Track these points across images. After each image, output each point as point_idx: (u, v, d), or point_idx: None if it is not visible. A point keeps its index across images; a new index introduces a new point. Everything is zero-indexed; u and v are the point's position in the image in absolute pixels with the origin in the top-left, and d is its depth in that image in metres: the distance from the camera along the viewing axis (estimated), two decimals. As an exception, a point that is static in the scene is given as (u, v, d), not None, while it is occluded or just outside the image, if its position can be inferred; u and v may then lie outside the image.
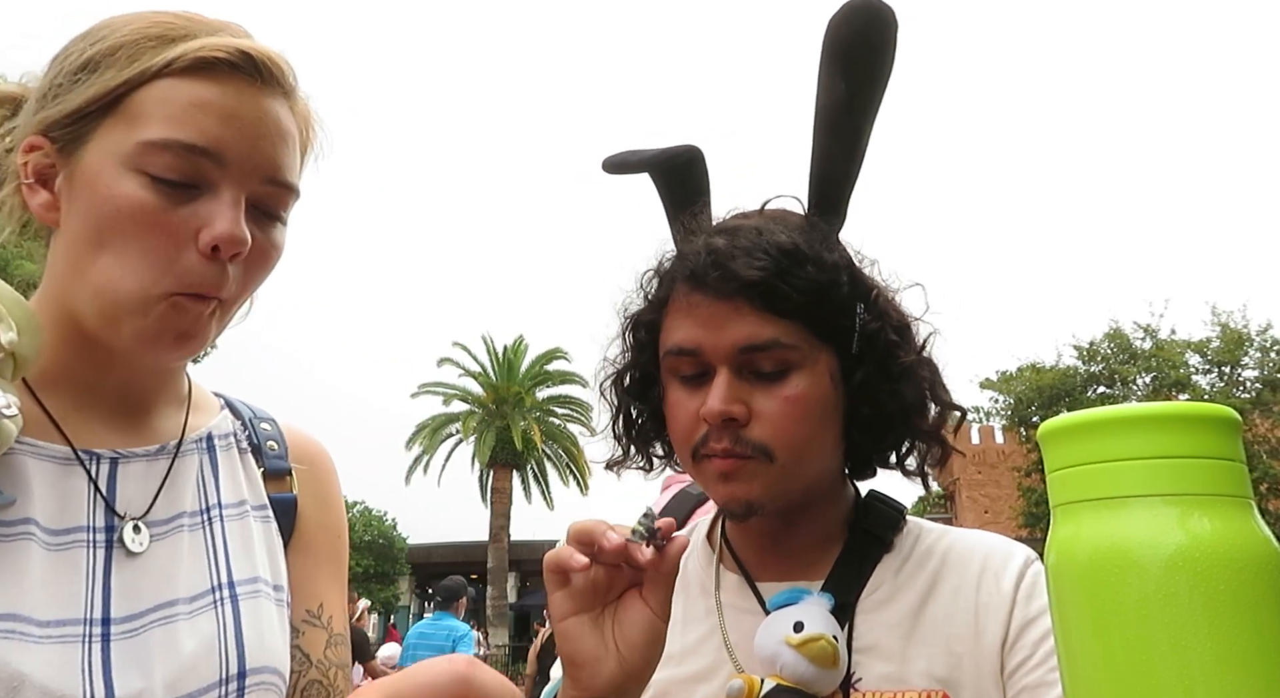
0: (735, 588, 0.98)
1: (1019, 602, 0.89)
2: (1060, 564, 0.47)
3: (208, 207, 0.75)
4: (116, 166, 0.74)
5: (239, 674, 0.79)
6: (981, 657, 0.88)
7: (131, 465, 0.82)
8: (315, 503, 0.96)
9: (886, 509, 0.99)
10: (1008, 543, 0.96)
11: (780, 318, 0.86)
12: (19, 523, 0.73)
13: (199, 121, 0.74)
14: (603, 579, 0.74)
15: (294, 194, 0.82)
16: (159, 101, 0.74)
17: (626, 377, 1.02)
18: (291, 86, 0.82)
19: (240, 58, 0.76)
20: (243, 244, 0.76)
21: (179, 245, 0.74)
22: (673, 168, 1.03)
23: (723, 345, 0.87)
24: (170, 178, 0.74)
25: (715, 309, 0.87)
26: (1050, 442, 0.49)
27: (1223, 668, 0.41)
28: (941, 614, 0.90)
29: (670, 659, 0.96)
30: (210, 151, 0.75)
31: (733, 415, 0.87)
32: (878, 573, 0.94)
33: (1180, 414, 0.45)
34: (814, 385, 0.88)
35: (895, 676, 0.88)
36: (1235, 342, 23.48)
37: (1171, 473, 0.44)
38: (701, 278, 0.88)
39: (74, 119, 0.76)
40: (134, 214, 0.73)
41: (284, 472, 0.94)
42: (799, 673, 0.85)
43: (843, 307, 0.90)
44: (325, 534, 0.96)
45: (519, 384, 27.79)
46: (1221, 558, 0.42)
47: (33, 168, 0.78)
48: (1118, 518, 0.44)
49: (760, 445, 0.87)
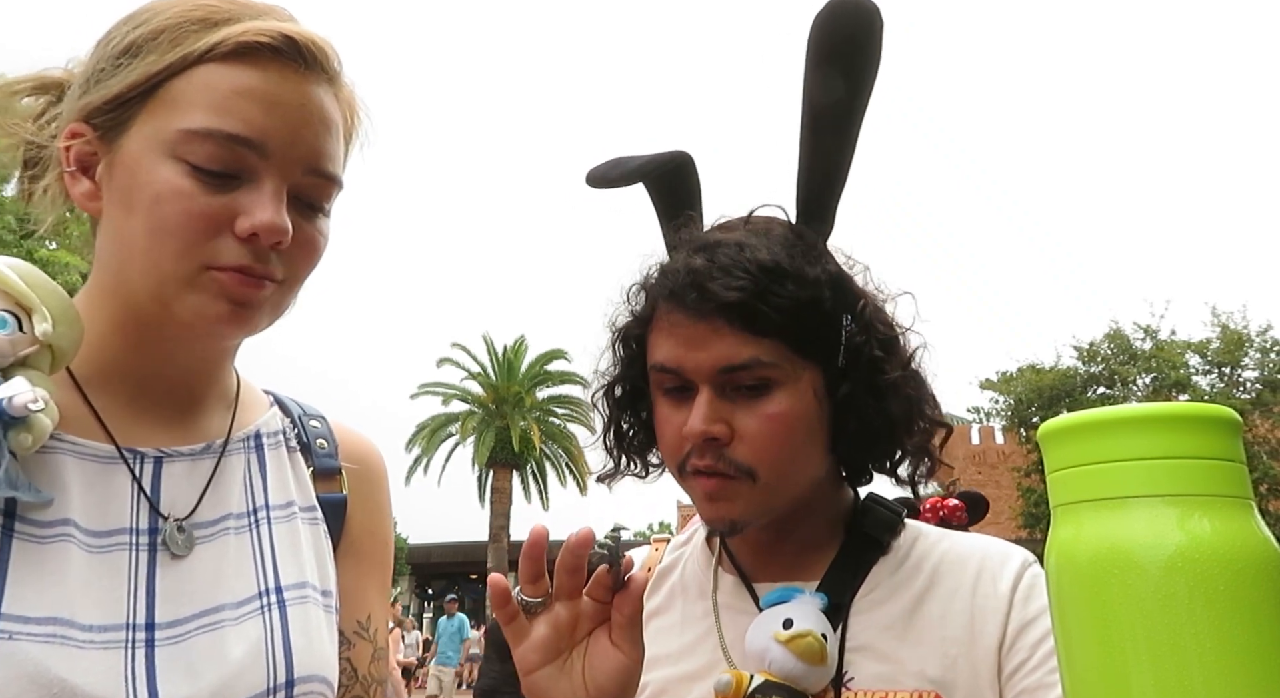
0: (732, 589, 0.99)
1: (1016, 604, 0.90)
2: (1060, 565, 0.47)
3: (249, 197, 0.73)
4: (157, 154, 0.72)
5: (287, 683, 0.77)
6: (977, 659, 0.88)
7: (176, 465, 0.80)
8: (365, 506, 0.93)
9: (885, 512, 0.99)
10: (1005, 546, 0.97)
11: (760, 337, 0.86)
12: (57, 524, 0.71)
13: (241, 110, 0.73)
14: (565, 620, 0.73)
15: (337, 186, 0.80)
16: (201, 88, 0.73)
17: (617, 389, 1.03)
18: (336, 72, 0.80)
19: (284, 42, 0.74)
20: (283, 233, 0.74)
21: (217, 230, 0.73)
22: (662, 175, 1.03)
23: (703, 366, 0.87)
24: (211, 168, 0.72)
25: (694, 330, 0.87)
26: (1050, 442, 0.49)
27: (1223, 668, 0.41)
28: (936, 616, 0.91)
29: (667, 659, 0.97)
30: (253, 142, 0.73)
31: (713, 435, 0.87)
32: (873, 574, 0.95)
33: (1180, 415, 0.45)
34: (796, 403, 0.88)
35: (888, 676, 0.88)
36: (1235, 342, 23.47)
37: (1172, 474, 0.44)
38: (680, 298, 0.87)
39: (115, 105, 0.74)
40: (173, 200, 0.72)
41: (334, 471, 0.91)
42: (787, 669, 0.85)
43: (826, 322, 0.89)
44: (374, 541, 0.93)
45: (519, 384, 27.78)
46: (1221, 559, 0.42)
47: (75, 155, 0.76)
48: (1118, 519, 0.44)
49: (743, 466, 0.87)
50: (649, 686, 0.96)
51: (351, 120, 0.84)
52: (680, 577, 1.05)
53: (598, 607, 0.74)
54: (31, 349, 0.70)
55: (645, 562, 1.10)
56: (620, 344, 1.00)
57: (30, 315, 0.70)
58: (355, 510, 0.91)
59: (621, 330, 1.00)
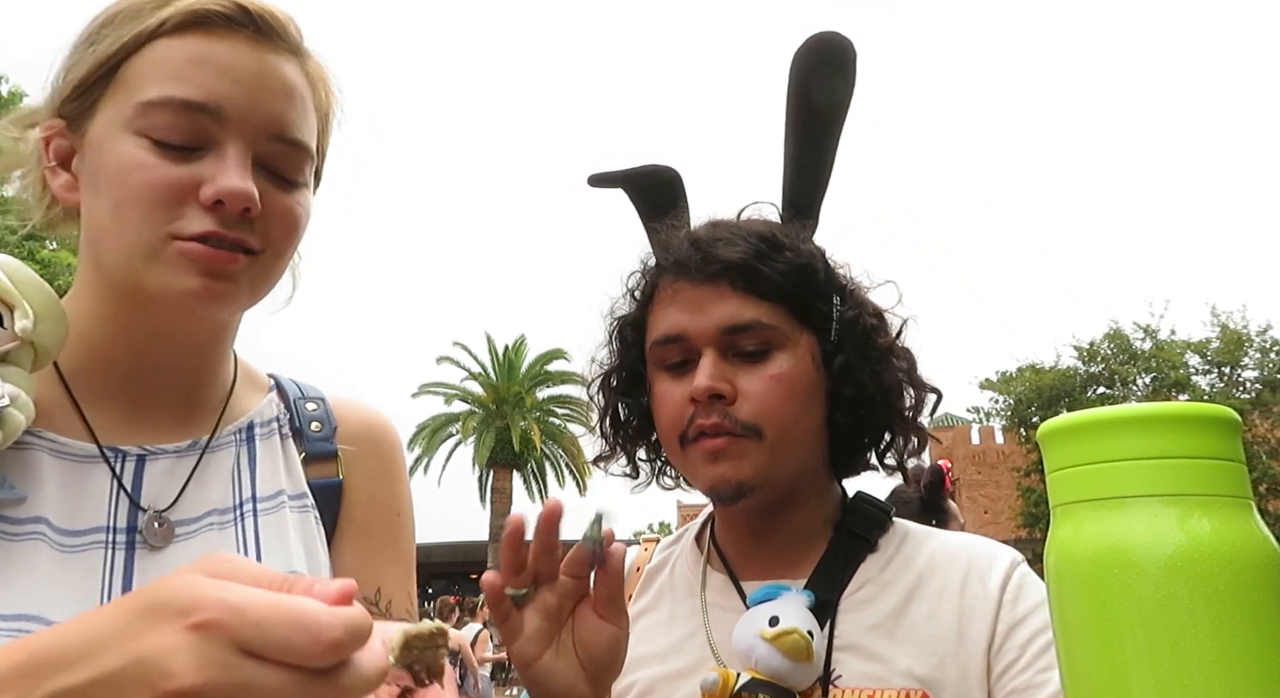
0: (720, 587, 1.00)
1: (1005, 604, 0.90)
2: (1060, 565, 0.47)
3: (212, 165, 0.72)
4: (119, 132, 0.72)
5: None
6: (965, 659, 0.88)
7: (160, 462, 0.79)
8: (369, 481, 0.91)
9: (872, 510, 1.00)
10: (993, 546, 0.97)
11: (761, 299, 0.90)
12: (29, 522, 0.70)
13: (195, 76, 0.72)
14: (554, 605, 0.74)
15: (307, 154, 0.79)
16: (156, 62, 0.73)
17: (614, 378, 1.06)
18: (297, 43, 0.79)
19: (235, 11, 0.74)
20: (248, 198, 0.72)
21: (180, 200, 0.72)
22: (643, 185, 1.10)
23: (707, 327, 0.91)
24: (172, 141, 0.72)
25: (699, 292, 0.92)
26: (1050, 442, 0.49)
27: (1222, 667, 0.41)
28: (924, 616, 0.91)
29: (656, 658, 0.98)
30: (208, 106, 0.72)
31: (719, 392, 0.90)
32: (861, 573, 0.96)
33: (1180, 415, 0.45)
34: (796, 365, 0.92)
35: (875, 674, 0.89)
36: (1235, 342, 23.49)
37: (1171, 473, 0.44)
38: (685, 264, 0.93)
39: (80, 92, 0.75)
40: (134, 172, 0.71)
41: (329, 454, 0.89)
42: (773, 666, 0.86)
43: (820, 292, 0.94)
44: (382, 514, 0.91)
45: (519, 384, 27.79)
46: (1221, 558, 0.42)
47: (53, 150, 0.77)
48: (1117, 518, 0.44)
49: (748, 423, 0.90)
50: (637, 684, 0.97)
51: (325, 96, 0.83)
52: (669, 576, 1.06)
53: (577, 582, 0.74)
54: (12, 345, 0.70)
55: (634, 562, 1.10)
56: (619, 332, 1.04)
57: (12, 312, 0.70)
58: (356, 488, 0.90)
59: (621, 317, 1.03)
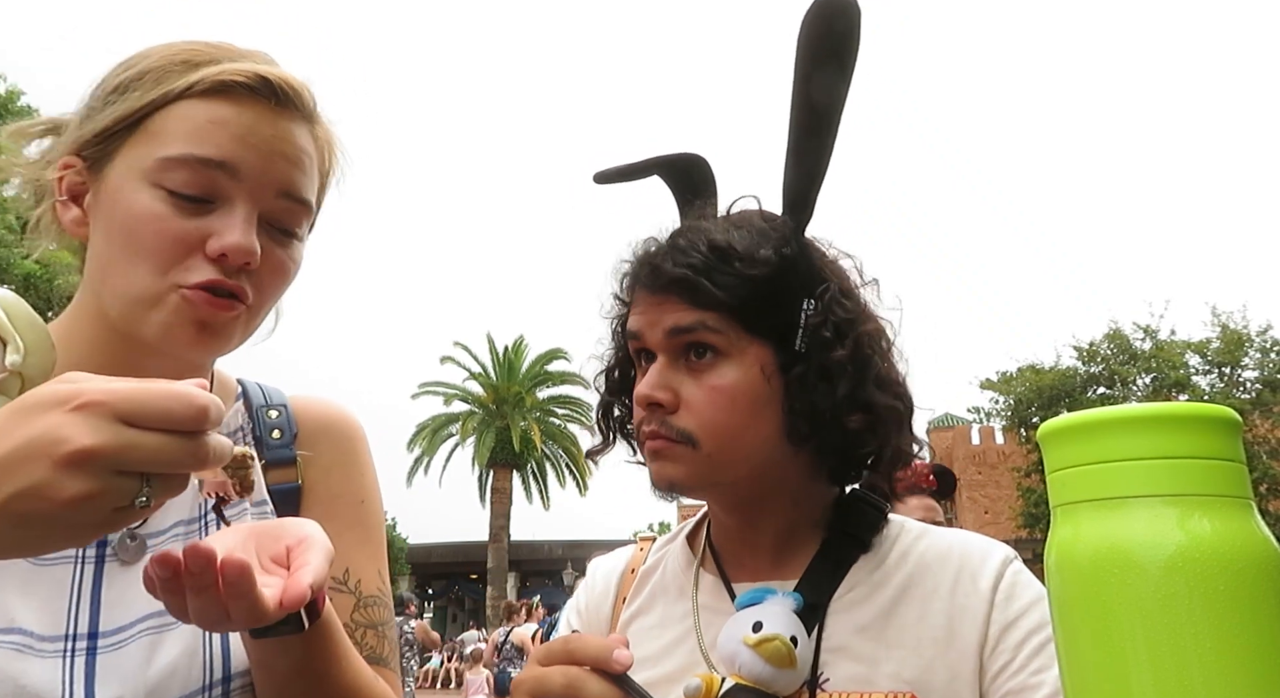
0: (712, 589, 0.99)
1: (997, 605, 0.89)
2: (1060, 565, 0.47)
3: (221, 220, 0.78)
4: (137, 181, 0.78)
5: (224, 679, 0.80)
6: (955, 660, 0.87)
7: None
8: (327, 475, 0.95)
9: (868, 509, 0.99)
10: (985, 543, 0.96)
11: (703, 309, 0.92)
12: None
13: (215, 137, 0.78)
14: None
15: (308, 210, 0.85)
16: (179, 120, 0.79)
17: (613, 372, 1.09)
18: (311, 111, 0.85)
19: (258, 82, 0.80)
20: (251, 254, 0.78)
21: (188, 251, 0.78)
22: (678, 170, 1.10)
23: (657, 333, 0.95)
24: (186, 192, 0.78)
25: (652, 301, 0.96)
26: (1050, 442, 0.49)
27: (1222, 668, 0.41)
28: (914, 617, 0.90)
29: (647, 661, 0.97)
30: (225, 165, 0.78)
31: (658, 401, 0.92)
32: (852, 574, 0.95)
33: (1180, 415, 0.45)
34: (741, 377, 0.92)
35: (863, 677, 0.88)
36: (1235, 342, 23.48)
37: (1171, 473, 0.44)
38: (637, 276, 0.99)
39: (103, 138, 0.80)
40: (148, 223, 0.77)
41: (289, 460, 0.94)
42: (756, 673, 0.85)
43: (777, 301, 0.93)
44: (343, 502, 0.95)
45: (519, 384, 27.80)
46: (1221, 559, 0.42)
47: (66, 185, 0.83)
48: (1118, 518, 0.44)
49: (683, 432, 0.92)
50: None
51: (328, 158, 0.90)
52: (661, 577, 1.06)
53: None
54: (1, 377, 0.73)
55: (629, 563, 1.10)
56: (612, 329, 1.08)
57: (4, 346, 0.73)
58: (315, 485, 0.94)
59: (612, 316, 1.08)
